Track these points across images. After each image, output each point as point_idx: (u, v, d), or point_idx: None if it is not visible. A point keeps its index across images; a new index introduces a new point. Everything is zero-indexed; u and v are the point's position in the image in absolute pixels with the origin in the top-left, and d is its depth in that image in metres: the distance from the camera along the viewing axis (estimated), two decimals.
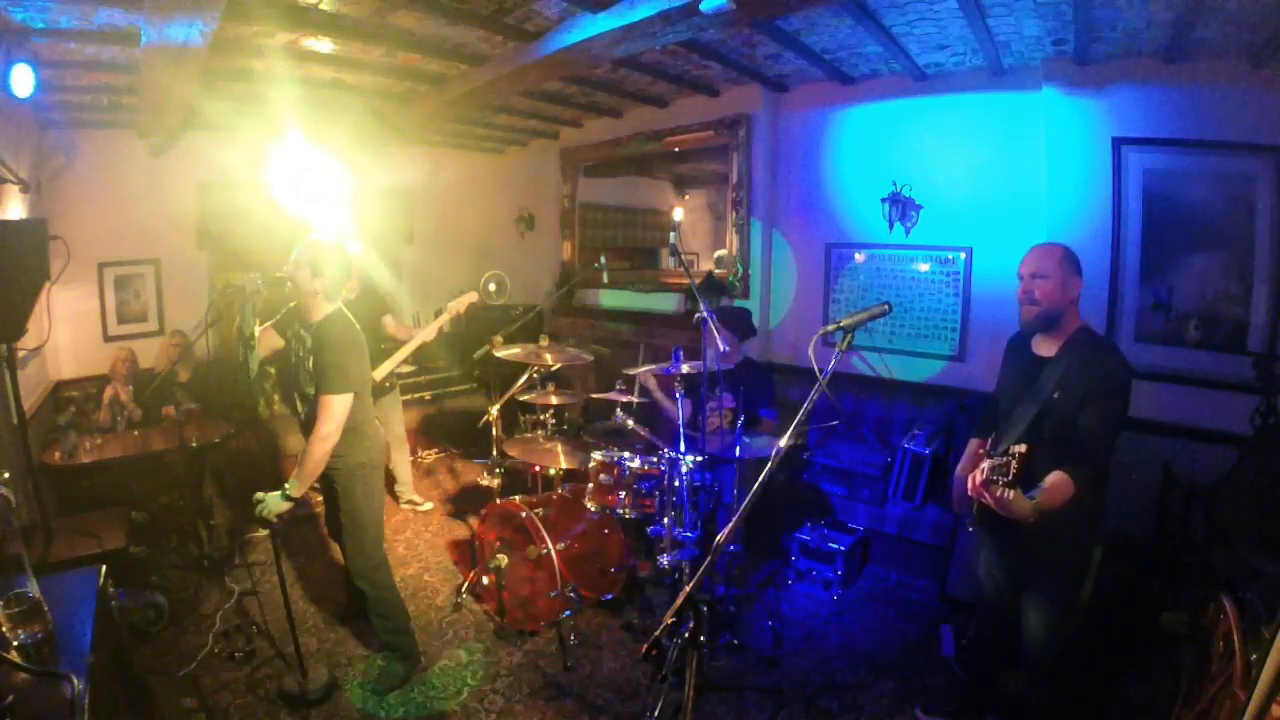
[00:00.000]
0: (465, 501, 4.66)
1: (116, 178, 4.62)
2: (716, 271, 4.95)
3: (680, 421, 2.90)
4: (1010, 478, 1.78)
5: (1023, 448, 1.79)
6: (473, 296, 3.77)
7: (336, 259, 2.56)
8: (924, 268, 4.06)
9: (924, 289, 4.07)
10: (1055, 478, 1.85)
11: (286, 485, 2.49)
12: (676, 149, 5.15)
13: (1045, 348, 2.13)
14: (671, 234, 2.95)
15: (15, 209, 3.52)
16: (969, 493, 2.00)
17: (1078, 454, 1.91)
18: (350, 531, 2.68)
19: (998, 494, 1.81)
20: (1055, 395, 2.01)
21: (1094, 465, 1.92)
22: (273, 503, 2.49)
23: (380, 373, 3.75)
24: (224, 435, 4.09)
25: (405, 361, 3.93)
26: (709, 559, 1.95)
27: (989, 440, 2.27)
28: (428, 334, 3.72)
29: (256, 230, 4.92)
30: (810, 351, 1.74)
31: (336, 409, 2.46)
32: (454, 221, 6.55)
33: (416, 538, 4.14)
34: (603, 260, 3.96)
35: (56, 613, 1.53)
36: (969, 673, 2.60)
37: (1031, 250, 2.16)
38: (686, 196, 8.45)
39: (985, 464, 1.89)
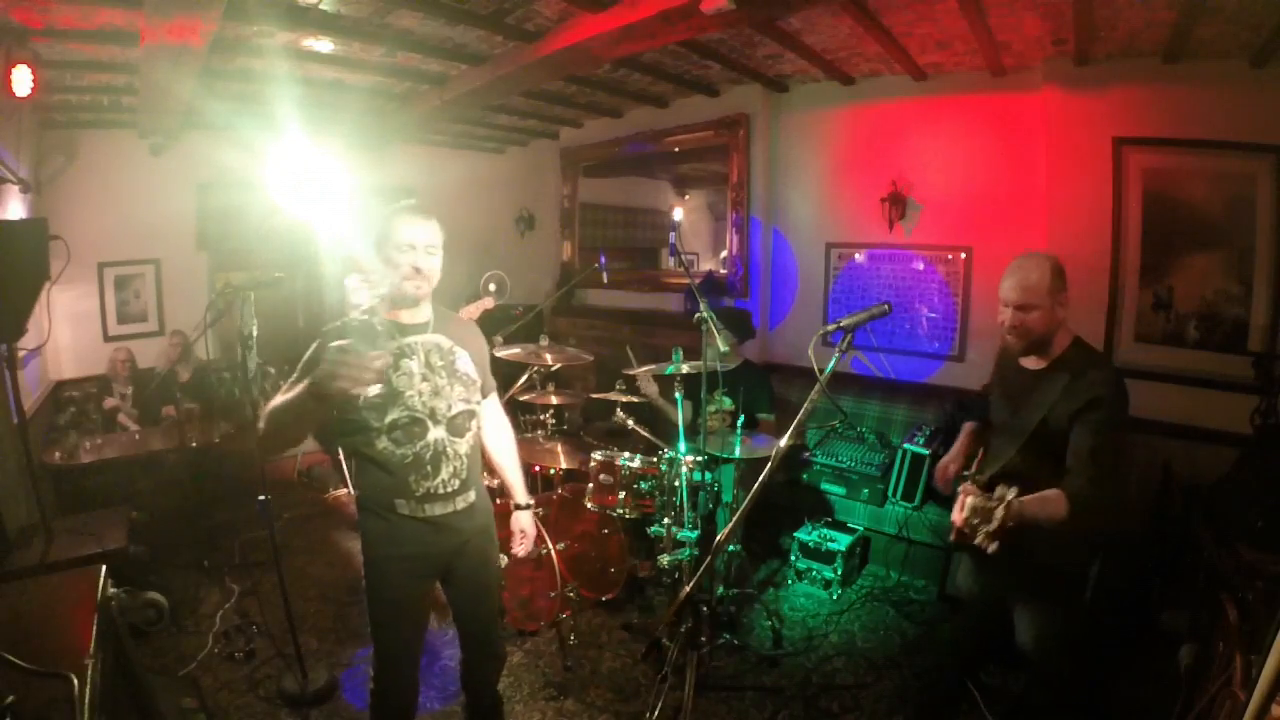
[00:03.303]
0: None
1: (116, 178, 4.62)
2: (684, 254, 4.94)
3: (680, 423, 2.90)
4: (993, 528, 1.55)
5: (1012, 493, 1.55)
6: (488, 303, 3.74)
7: None
8: (924, 268, 4.06)
9: (924, 289, 4.07)
10: (1052, 494, 1.71)
11: (525, 500, 2.17)
12: (676, 149, 5.14)
13: (1034, 362, 1.99)
14: (671, 234, 2.95)
15: (15, 209, 3.52)
16: (955, 523, 1.72)
17: (1072, 477, 1.77)
18: (496, 582, 2.15)
19: (976, 541, 1.59)
20: (1046, 417, 1.86)
21: (1091, 489, 1.74)
22: (528, 523, 2.17)
23: None
24: (224, 435, 4.09)
25: None
26: (709, 559, 1.95)
27: (981, 446, 2.17)
28: None
29: (256, 230, 4.92)
30: (810, 351, 1.74)
31: None
32: (454, 221, 6.39)
33: None
34: (603, 260, 3.96)
35: (56, 612, 1.53)
36: (953, 671, 2.58)
37: (1013, 271, 1.91)
38: (686, 196, 8.44)
39: (969, 499, 1.62)
